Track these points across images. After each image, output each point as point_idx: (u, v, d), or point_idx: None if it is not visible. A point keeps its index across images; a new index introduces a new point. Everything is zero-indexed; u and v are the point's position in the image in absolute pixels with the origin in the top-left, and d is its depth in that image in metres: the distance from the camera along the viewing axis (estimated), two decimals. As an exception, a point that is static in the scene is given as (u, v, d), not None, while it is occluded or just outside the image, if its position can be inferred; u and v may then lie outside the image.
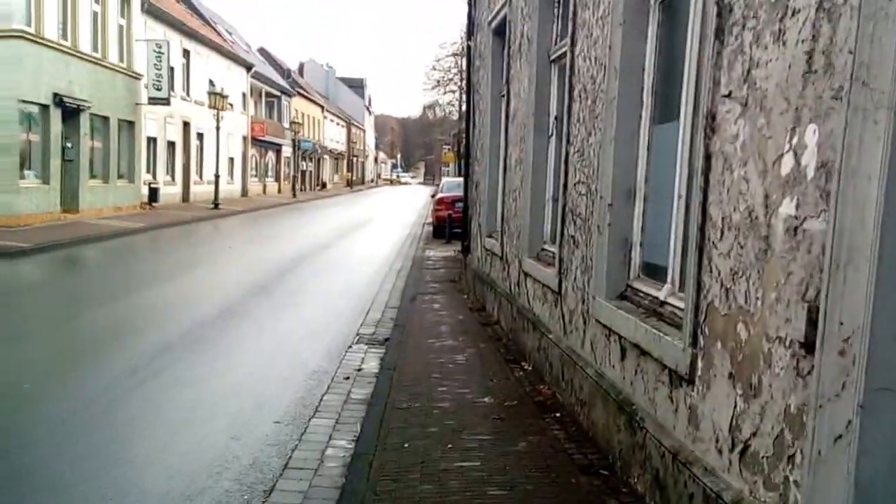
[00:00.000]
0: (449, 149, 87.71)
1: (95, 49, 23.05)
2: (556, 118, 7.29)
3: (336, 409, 5.73)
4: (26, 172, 19.55)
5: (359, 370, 6.90)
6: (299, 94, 59.83)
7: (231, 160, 40.10)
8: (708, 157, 3.55)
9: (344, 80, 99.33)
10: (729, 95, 3.39)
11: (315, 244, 19.40)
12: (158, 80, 26.24)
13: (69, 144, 21.14)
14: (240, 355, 7.86)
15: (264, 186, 47.88)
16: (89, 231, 18.62)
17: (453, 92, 56.85)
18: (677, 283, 4.25)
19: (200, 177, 34.21)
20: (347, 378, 6.61)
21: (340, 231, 24.03)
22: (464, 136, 14.05)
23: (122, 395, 6.16)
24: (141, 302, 10.72)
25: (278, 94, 52.54)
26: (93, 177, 23.22)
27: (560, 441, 5.08)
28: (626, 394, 4.59)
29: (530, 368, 7.06)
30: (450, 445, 4.92)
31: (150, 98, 26.21)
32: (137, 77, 25.92)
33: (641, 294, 4.71)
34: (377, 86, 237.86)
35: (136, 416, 5.73)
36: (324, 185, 67.82)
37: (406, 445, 4.91)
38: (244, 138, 42.73)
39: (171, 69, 30.17)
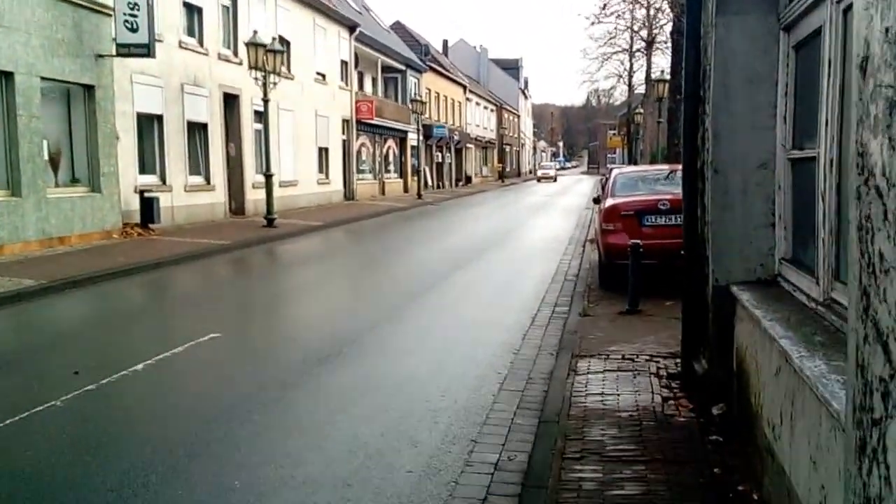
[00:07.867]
0: (615, 133, 74.22)
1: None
2: None
3: None
4: None
5: None
6: (433, 69, 48.32)
7: (323, 151, 29.08)
8: None
9: (497, 61, 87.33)
10: None
11: (338, 339, 7.33)
12: (132, 15, 15.24)
13: None
14: None
15: (382, 185, 36.72)
16: None
17: (620, 61, 44.79)
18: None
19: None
20: None
21: (432, 277, 11.61)
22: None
23: None
24: None
25: (402, 67, 41.27)
26: (-21, 185, 12.58)
27: None
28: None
29: None
30: None
31: (118, 45, 15.27)
32: (101, 11, 15.12)
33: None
34: (536, 73, 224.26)
35: None
36: (468, 180, 56.07)
37: None
38: (345, 122, 31.65)
39: (191, 7, 19.43)
